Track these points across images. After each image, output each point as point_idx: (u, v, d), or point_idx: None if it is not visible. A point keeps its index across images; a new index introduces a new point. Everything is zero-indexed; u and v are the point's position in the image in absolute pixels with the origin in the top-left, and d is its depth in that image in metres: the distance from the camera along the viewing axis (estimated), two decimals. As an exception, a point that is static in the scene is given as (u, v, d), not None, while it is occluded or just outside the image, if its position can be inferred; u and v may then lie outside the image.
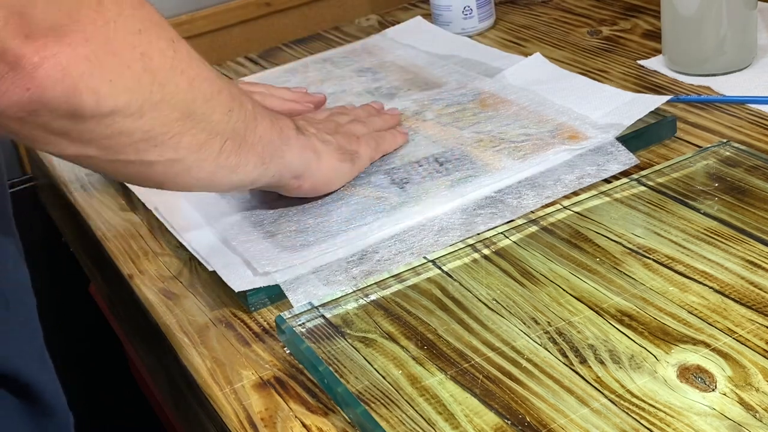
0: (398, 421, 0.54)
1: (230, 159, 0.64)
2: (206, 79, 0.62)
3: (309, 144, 0.72)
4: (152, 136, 0.58)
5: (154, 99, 0.57)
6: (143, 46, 0.56)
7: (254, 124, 0.66)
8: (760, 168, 0.72)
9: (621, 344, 0.56)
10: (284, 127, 0.70)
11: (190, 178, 0.63)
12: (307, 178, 0.72)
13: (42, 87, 0.51)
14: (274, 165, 0.69)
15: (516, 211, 0.72)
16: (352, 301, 0.64)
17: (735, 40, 0.87)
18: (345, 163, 0.75)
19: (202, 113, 0.61)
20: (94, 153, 0.58)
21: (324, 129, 0.76)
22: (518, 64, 0.95)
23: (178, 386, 0.68)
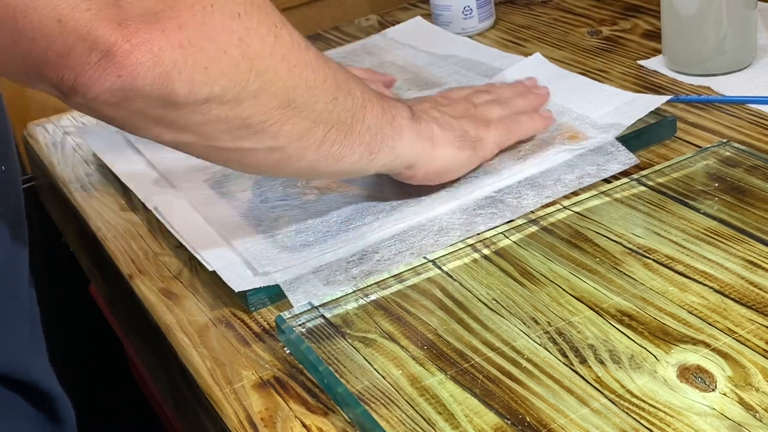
0: (398, 421, 0.54)
1: (334, 148, 0.62)
2: (309, 66, 0.59)
3: (425, 131, 0.69)
4: (251, 124, 0.57)
5: (252, 87, 0.56)
6: (241, 32, 0.54)
7: (362, 112, 0.64)
8: (760, 168, 0.72)
9: (621, 344, 0.56)
10: (397, 115, 0.67)
11: (291, 166, 0.62)
12: (420, 168, 0.69)
13: (133, 74, 0.51)
14: (384, 155, 0.66)
15: (516, 210, 0.72)
16: (352, 301, 0.64)
17: (735, 40, 0.87)
18: (464, 151, 0.71)
19: (304, 101, 0.59)
20: (191, 140, 0.57)
21: (452, 112, 0.73)
22: (518, 64, 0.95)
23: (178, 386, 0.68)
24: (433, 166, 0.70)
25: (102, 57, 0.50)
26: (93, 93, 0.51)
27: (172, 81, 0.52)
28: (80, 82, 0.51)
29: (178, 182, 0.83)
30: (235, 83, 0.55)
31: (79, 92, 0.51)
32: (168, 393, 0.76)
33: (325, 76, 0.61)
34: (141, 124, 0.56)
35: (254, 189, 0.80)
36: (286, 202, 0.77)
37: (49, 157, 0.97)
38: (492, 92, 0.79)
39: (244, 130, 0.57)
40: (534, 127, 0.77)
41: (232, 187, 0.81)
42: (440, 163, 0.70)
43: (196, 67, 0.53)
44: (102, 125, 0.99)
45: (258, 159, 0.60)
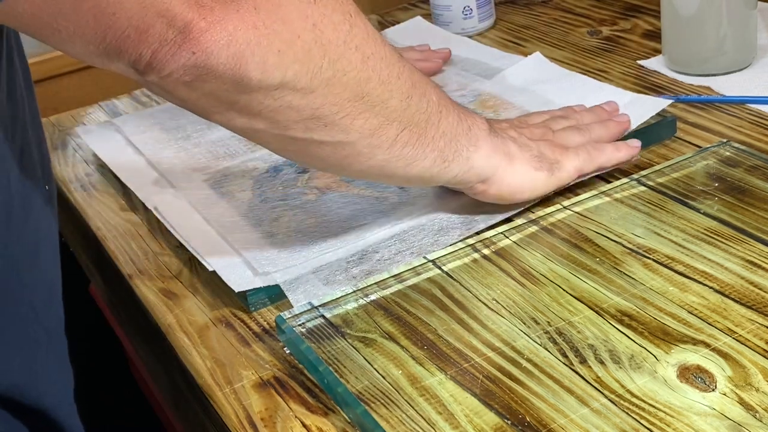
0: (398, 421, 0.54)
1: (406, 150, 0.61)
2: (383, 59, 0.58)
3: (501, 147, 0.67)
4: (322, 114, 0.56)
5: (325, 74, 0.55)
6: (316, 17, 0.54)
7: (437, 117, 0.62)
8: (760, 168, 0.72)
9: (621, 344, 0.56)
10: (473, 125, 0.66)
11: (360, 164, 0.61)
12: (493, 183, 0.67)
13: (207, 52, 0.51)
14: (457, 164, 0.65)
15: (516, 207, 0.72)
16: (352, 301, 0.64)
17: (735, 40, 0.87)
18: (541, 172, 0.69)
19: (377, 96, 0.58)
20: (262, 126, 0.57)
21: (528, 134, 0.71)
22: (518, 64, 0.95)
23: (178, 386, 0.68)
24: (508, 183, 0.68)
25: (178, 34, 0.50)
26: (168, 70, 0.51)
27: (245, 62, 0.52)
28: (156, 59, 0.51)
29: (178, 182, 0.83)
30: (308, 69, 0.54)
31: (155, 69, 0.51)
32: (168, 393, 0.76)
33: (399, 73, 0.60)
34: (214, 107, 0.56)
35: (254, 189, 0.80)
36: (286, 202, 0.77)
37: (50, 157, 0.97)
38: (570, 118, 0.76)
39: (315, 120, 0.56)
40: (618, 157, 0.73)
41: (232, 187, 0.81)
42: (516, 181, 0.68)
43: (269, 50, 0.52)
44: (102, 125, 0.99)
45: (327, 152, 0.59)
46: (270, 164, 0.84)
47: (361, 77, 0.57)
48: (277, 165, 0.84)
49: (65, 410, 0.60)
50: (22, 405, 0.56)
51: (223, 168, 0.85)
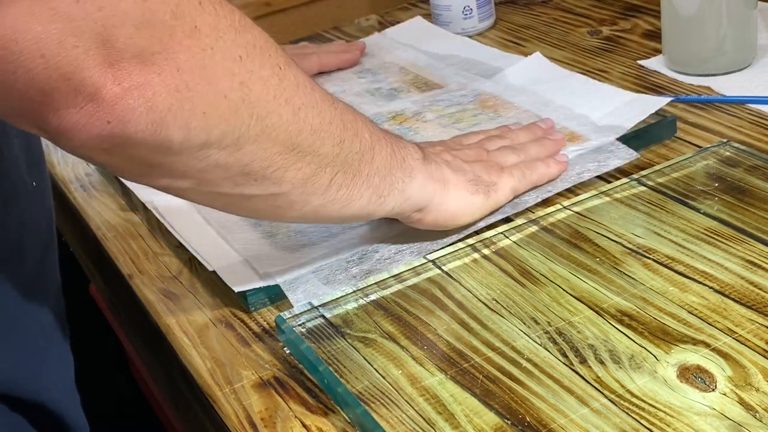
0: (398, 421, 0.54)
1: (341, 192, 0.60)
2: (315, 108, 0.57)
3: (436, 173, 0.66)
4: (252, 170, 0.54)
5: (253, 132, 0.53)
6: (243, 75, 0.51)
7: (371, 154, 0.61)
8: (760, 168, 0.72)
9: (621, 344, 0.56)
10: (407, 156, 0.65)
11: (294, 212, 0.59)
12: (430, 211, 0.66)
13: (124, 121, 0.47)
14: (393, 198, 0.63)
15: (516, 206, 0.72)
16: (352, 301, 0.64)
17: (735, 40, 0.87)
18: (477, 196, 0.68)
19: (309, 145, 0.56)
20: (188, 185, 0.55)
21: (464, 157, 0.71)
22: (518, 64, 0.95)
23: (178, 386, 0.68)
24: (444, 209, 0.67)
25: (89, 101, 0.46)
26: (80, 139, 0.47)
27: (166, 127, 0.49)
28: (65, 127, 0.47)
29: (178, 182, 0.83)
30: (235, 128, 0.52)
31: (65, 137, 0.47)
32: (168, 393, 0.76)
33: (331, 118, 0.58)
34: (137, 170, 0.53)
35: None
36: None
37: (49, 157, 0.97)
38: (505, 137, 0.76)
39: (244, 176, 0.54)
40: (549, 174, 0.73)
41: (232, 187, 0.81)
42: (452, 207, 0.67)
43: (193, 113, 0.49)
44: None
45: (258, 205, 0.58)
46: (270, 164, 0.84)
47: (291, 130, 0.55)
48: (277, 165, 0.83)
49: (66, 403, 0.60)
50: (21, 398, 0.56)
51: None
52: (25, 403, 0.57)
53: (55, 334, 0.61)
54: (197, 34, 0.48)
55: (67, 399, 0.60)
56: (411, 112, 0.90)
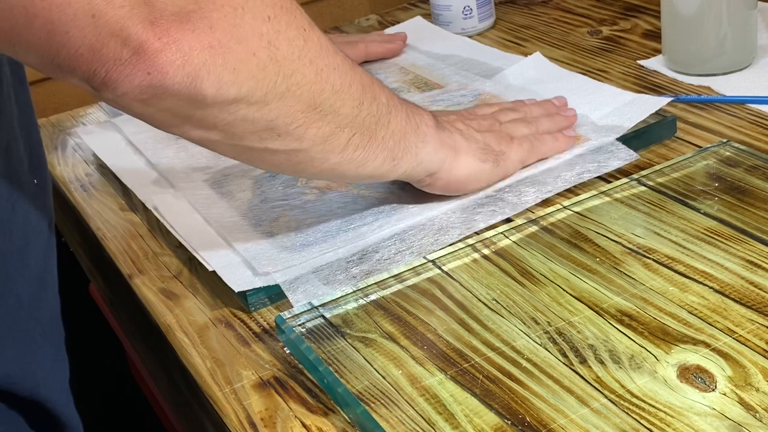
0: (398, 421, 0.54)
1: (357, 153, 0.63)
2: (336, 70, 0.60)
3: (448, 140, 0.69)
4: (276, 126, 0.58)
5: (279, 89, 0.56)
6: (271, 34, 0.55)
7: (387, 118, 0.64)
8: (760, 168, 0.72)
9: (621, 344, 0.56)
10: (421, 123, 0.68)
11: (313, 168, 0.63)
12: (440, 176, 0.70)
13: (163, 72, 0.51)
14: (406, 162, 0.67)
15: (516, 207, 0.72)
16: (352, 301, 0.64)
17: (735, 40, 0.87)
18: (486, 164, 0.71)
19: (330, 105, 0.59)
20: (218, 137, 0.58)
21: (476, 126, 0.73)
22: (518, 64, 0.95)
23: (178, 386, 0.68)
24: (455, 175, 0.70)
25: (133, 54, 0.50)
26: (123, 89, 0.52)
27: (200, 80, 0.52)
28: (111, 78, 0.51)
29: (178, 182, 0.83)
30: (263, 85, 0.55)
31: (110, 87, 0.52)
32: (168, 393, 0.76)
33: (351, 81, 0.61)
34: (170, 121, 0.56)
35: (254, 189, 0.80)
36: (286, 202, 0.77)
37: (49, 157, 0.97)
38: (519, 110, 0.79)
39: (269, 131, 0.58)
40: (557, 148, 0.76)
41: (232, 187, 0.81)
42: (462, 173, 0.70)
43: (224, 68, 0.53)
44: (102, 125, 0.99)
45: (281, 159, 0.61)
46: (270, 164, 0.84)
47: (314, 89, 0.58)
48: (277, 165, 0.84)
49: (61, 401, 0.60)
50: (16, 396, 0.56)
51: (223, 168, 0.85)
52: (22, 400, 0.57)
53: (52, 333, 0.61)
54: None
55: (62, 398, 0.60)
56: (411, 112, 0.89)
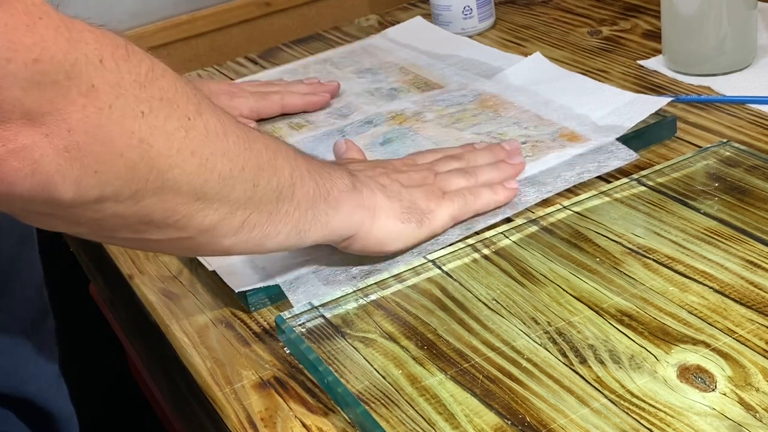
0: (398, 421, 0.54)
1: (255, 232, 0.58)
2: (225, 155, 0.54)
3: (367, 201, 0.65)
4: (153, 220, 0.52)
5: (153, 186, 0.50)
6: (143, 131, 0.49)
7: (291, 190, 0.59)
8: (760, 168, 0.72)
9: (621, 344, 0.56)
10: (333, 188, 0.63)
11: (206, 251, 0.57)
12: (357, 239, 0.65)
13: (8, 182, 0.45)
14: (315, 231, 0.62)
15: (516, 207, 0.72)
16: (352, 301, 0.64)
17: (735, 40, 0.87)
18: (408, 225, 0.67)
19: (216, 193, 0.54)
20: (86, 231, 0.53)
21: (405, 180, 0.69)
22: (518, 64, 0.95)
23: (178, 386, 0.68)
24: (373, 237, 0.66)
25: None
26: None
27: (54, 186, 0.46)
28: None
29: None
30: (132, 184, 0.49)
31: None
32: (168, 393, 0.76)
33: (244, 163, 0.55)
34: (31, 218, 0.51)
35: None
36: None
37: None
38: (462, 159, 0.74)
39: (145, 224, 0.52)
40: (495, 201, 0.72)
41: (232, 187, 0.81)
42: (380, 235, 0.66)
43: (83, 172, 0.47)
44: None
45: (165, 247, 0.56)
46: (270, 164, 0.84)
47: (197, 181, 0.52)
48: (277, 165, 0.84)
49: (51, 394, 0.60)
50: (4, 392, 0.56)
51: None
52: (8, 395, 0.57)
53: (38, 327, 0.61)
54: (94, 93, 0.46)
55: (52, 390, 0.60)
56: (411, 112, 0.90)
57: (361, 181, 0.66)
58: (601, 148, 0.77)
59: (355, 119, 0.90)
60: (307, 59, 1.09)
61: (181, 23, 1.22)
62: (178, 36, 1.23)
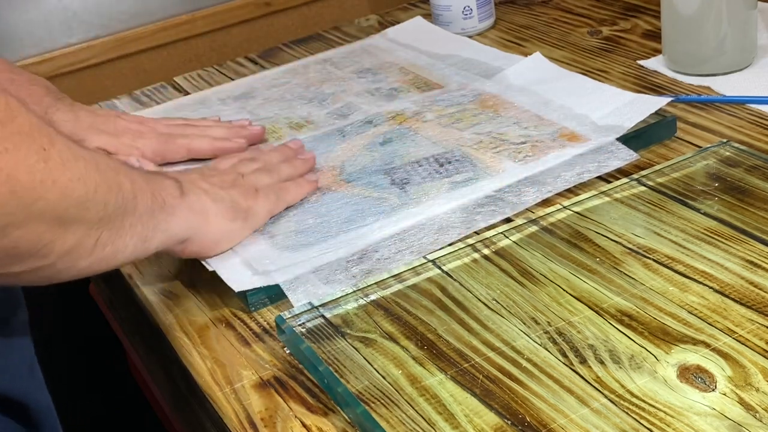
0: (398, 421, 0.54)
1: (107, 249, 0.59)
2: (81, 180, 0.55)
3: (197, 205, 0.68)
4: (18, 252, 0.52)
5: (19, 219, 0.51)
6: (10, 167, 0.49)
7: (133, 204, 0.60)
8: (760, 168, 0.72)
9: (621, 344, 0.56)
10: (167, 196, 0.65)
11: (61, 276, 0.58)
12: (193, 242, 0.68)
13: None
14: (157, 239, 0.64)
15: (516, 206, 0.72)
16: (352, 301, 0.64)
17: (735, 40, 0.87)
18: (236, 222, 0.71)
19: (74, 216, 0.55)
20: None
21: (220, 183, 0.72)
22: (518, 64, 0.95)
23: (178, 386, 0.68)
24: (208, 239, 0.69)
25: None
26: None
27: None
28: None
29: (178, 182, 0.83)
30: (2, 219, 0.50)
31: None
32: (168, 393, 0.76)
33: (96, 185, 0.56)
34: None
35: (254, 189, 0.80)
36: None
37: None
38: (258, 160, 0.78)
39: (11, 258, 0.53)
40: (301, 193, 0.77)
41: (232, 187, 0.81)
42: (214, 235, 0.69)
43: None
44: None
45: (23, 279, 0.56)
46: (270, 164, 0.84)
47: (59, 208, 0.53)
48: (277, 165, 0.84)
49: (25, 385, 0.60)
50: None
51: (223, 168, 0.85)
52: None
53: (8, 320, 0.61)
54: None
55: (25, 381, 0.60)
56: (411, 112, 0.90)
57: (187, 186, 0.68)
58: (601, 148, 0.77)
59: (355, 119, 0.90)
60: (307, 59, 1.09)
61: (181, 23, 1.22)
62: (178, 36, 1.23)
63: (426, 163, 0.79)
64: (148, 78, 1.20)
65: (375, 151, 0.83)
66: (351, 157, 0.83)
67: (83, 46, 1.18)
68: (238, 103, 0.99)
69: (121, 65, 1.21)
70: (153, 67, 1.22)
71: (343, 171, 0.81)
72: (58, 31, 1.17)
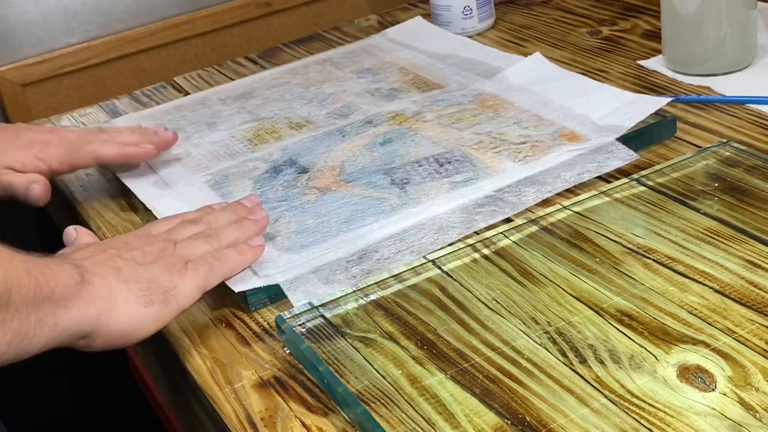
0: (398, 421, 0.54)
1: None
2: None
3: (100, 292, 0.59)
4: None
5: None
6: None
7: (6, 297, 0.53)
8: (760, 168, 0.72)
9: (621, 344, 0.56)
10: (57, 286, 0.57)
11: None
12: (97, 336, 0.59)
13: None
14: (42, 336, 0.56)
15: (516, 207, 0.72)
16: (352, 301, 0.64)
17: (735, 40, 0.87)
18: (152, 307, 0.61)
19: None
20: None
21: (142, 257, 0.63)
22: (518, 64, 0.95)
23: (178, 386, 0.68)
24: (114, 330, 0.60)
25: None
26: None
27: None
28: None
29: (178, 183, 0.83)
30: None
31: None
32: (168, 393, 0.76)
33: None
34: None
35: (254, 189, 0.80)
36: (286, 203, 0.77)
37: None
38: (201, 222, 0.70)
39: None
40: (243, 262, 0.67)
41: (231, 188, 0.81)
42: (123, 325, 0.60)
43: None
44: (102, 125, 0.99)
45: None
46: (270, 164, 0.84)
47: None
48: (277, 165, 0.84)
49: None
50: None
51: (223, 168, 0.85)
52: None
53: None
54: None
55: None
56: (411, 112, 0.90)
57: (90, 270, 0.60)
58: (601, 148, 0.77)
59: (355, 119, 0.90)
60: (307, 59, 1.09)
61: (181, 23, 1.22)
62: (178, 36, 1.23)
63: (426, 163, 0.79)
64: (148, 78, 1.20)
65: (375, 151, 0.83)
66: (351, 157, 0.83)
67: (83, 46, 1.18)
68: (238, 103, 0.99)
69: (121, 65, 1.21)
70: (153, 67, 1.22)
71: (343, 171, 0.81)
72: (58, 31, 1.17)
